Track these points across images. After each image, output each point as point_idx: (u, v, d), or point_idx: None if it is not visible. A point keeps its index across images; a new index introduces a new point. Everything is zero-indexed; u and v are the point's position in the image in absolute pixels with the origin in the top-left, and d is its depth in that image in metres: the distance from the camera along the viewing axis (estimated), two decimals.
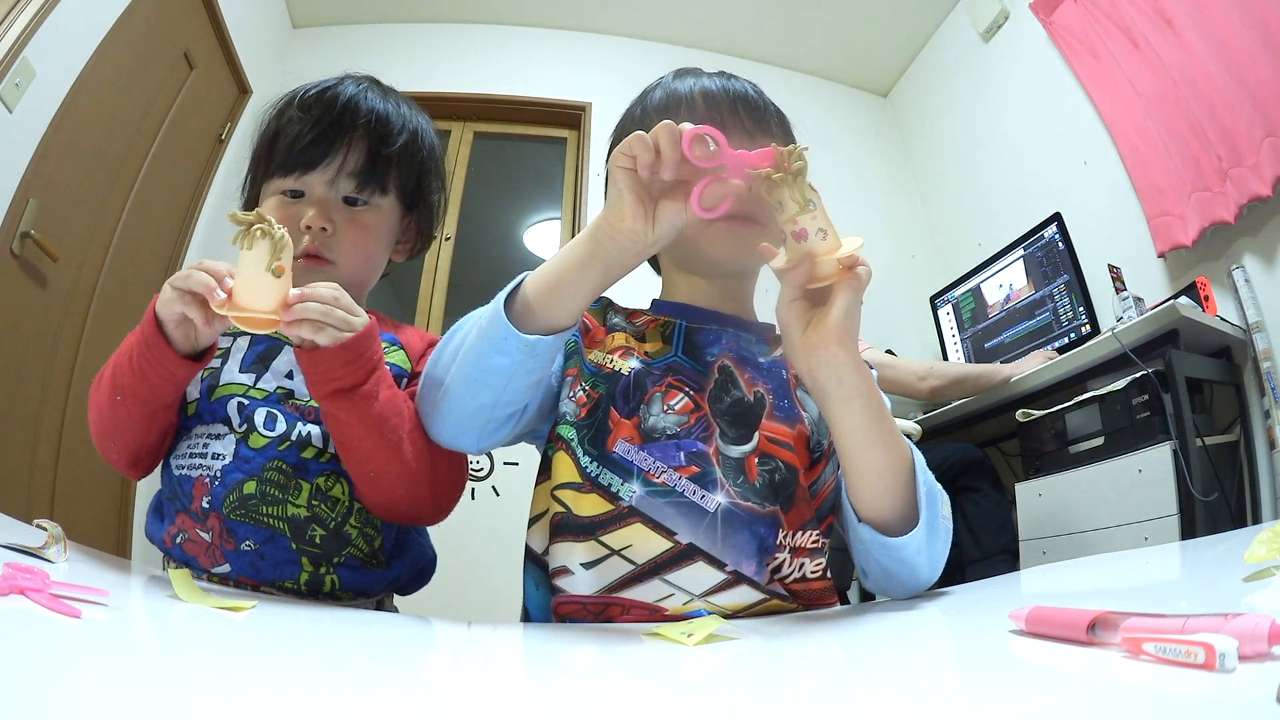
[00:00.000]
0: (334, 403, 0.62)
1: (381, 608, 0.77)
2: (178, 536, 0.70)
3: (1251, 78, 1.69)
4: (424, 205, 0.86)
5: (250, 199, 0.83)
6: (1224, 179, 1.75)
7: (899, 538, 0.59)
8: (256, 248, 0.56)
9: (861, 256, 0.57)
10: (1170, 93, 1.90)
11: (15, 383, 1.65)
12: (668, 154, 0.54)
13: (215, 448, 0.70)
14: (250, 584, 0.68)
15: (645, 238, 0.57)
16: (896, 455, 0.60)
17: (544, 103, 2.93)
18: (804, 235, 0.56)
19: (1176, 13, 1.88)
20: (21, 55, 1.55)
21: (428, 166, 0.84)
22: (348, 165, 0.77)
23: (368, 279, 0.83)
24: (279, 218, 0.75)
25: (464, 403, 0.62)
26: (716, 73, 0.76)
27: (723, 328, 0.73)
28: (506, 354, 0.58)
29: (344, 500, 0.72)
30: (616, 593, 0.61)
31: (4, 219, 1.56)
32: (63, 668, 0.29)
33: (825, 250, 0.56)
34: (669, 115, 0.71)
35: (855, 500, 0.61)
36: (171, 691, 0.28)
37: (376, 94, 0.81)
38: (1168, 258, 1.96)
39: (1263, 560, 0.44)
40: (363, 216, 0.79)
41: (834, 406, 0.59)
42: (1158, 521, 1.42)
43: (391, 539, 0.76)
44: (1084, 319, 2.00)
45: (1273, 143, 1.64)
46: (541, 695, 0.37)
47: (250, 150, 0.84)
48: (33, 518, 0.58)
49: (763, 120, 0.73)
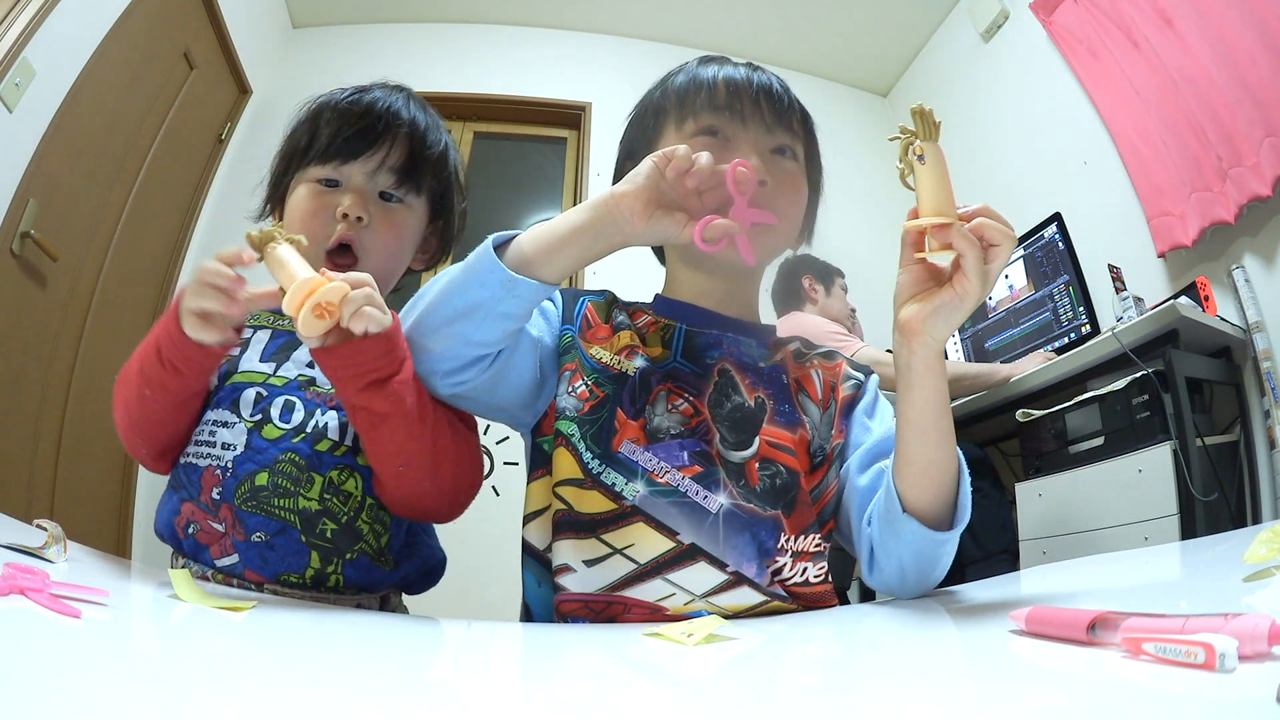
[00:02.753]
0: (370, 395, 0.61)
1: (388, 605, 0.76)
2: (189, 526, 0.69)
3: (1251, 78, 1.69)
4: (448, 216, 0.87)
5: (274, 198, 0.84)
6: (1224, 179, 1.75)
7: (943, 532, 0.60)
8: (280, 246, 0.58)
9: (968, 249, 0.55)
10: (1170, 93, 1.90)
11: (15, 383, 1.65)
12: (703, 172, 0.57)
13: (224, 436, 0.70)
14: (255, 580, 0.68)
15: (635, 225, 0.59)
16: (946, 455, 0.61)
17: (544, 103, 2.93)
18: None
19: (1176, 13, 1.88)
20: (21, 55, 1.56)
21: (454, 180, 0.86)
22: (390, 160, 0.78)
23: (390, 280, 0.83)
24: (311, 206, 0.77)
25: (434, 326, 0.61)
26: (744, 63, 0.74)
27: (723, 331, 0.73)
28: (487, 286, 0.58)
29: (356, 495, 0.71)
30: (618, 591, 0.61)
31: (4, 219, 1.56)
32: (63, 668, 0.29)
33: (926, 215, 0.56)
34: (690, 99, 0.71)
35: (902, 489, 0.61)
36: (171, 691, 0.28)
37: (415, 104, 0.83)
38: (1168, 258, 1.96)
39: (1263, 560, 0.44)
40: (396, 214, 0.79)
41: (900, 388, 0.61)
42: (1158, 521, 1.42)
43: (400, 539, 0.75)
44: (1084, 319, 2.00)
45: (1273, 143, 1.64)
46: (541, 695, 0.37)
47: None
48: (33, 518, 0.58)
49: (784, 115, 0.72)
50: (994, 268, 0.55)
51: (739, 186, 0.59)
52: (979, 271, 0.55)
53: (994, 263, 0.55)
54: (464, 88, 2.86)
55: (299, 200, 0.78)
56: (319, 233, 0.76)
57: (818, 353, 0.77)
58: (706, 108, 0.70)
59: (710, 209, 0.60)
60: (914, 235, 0.58)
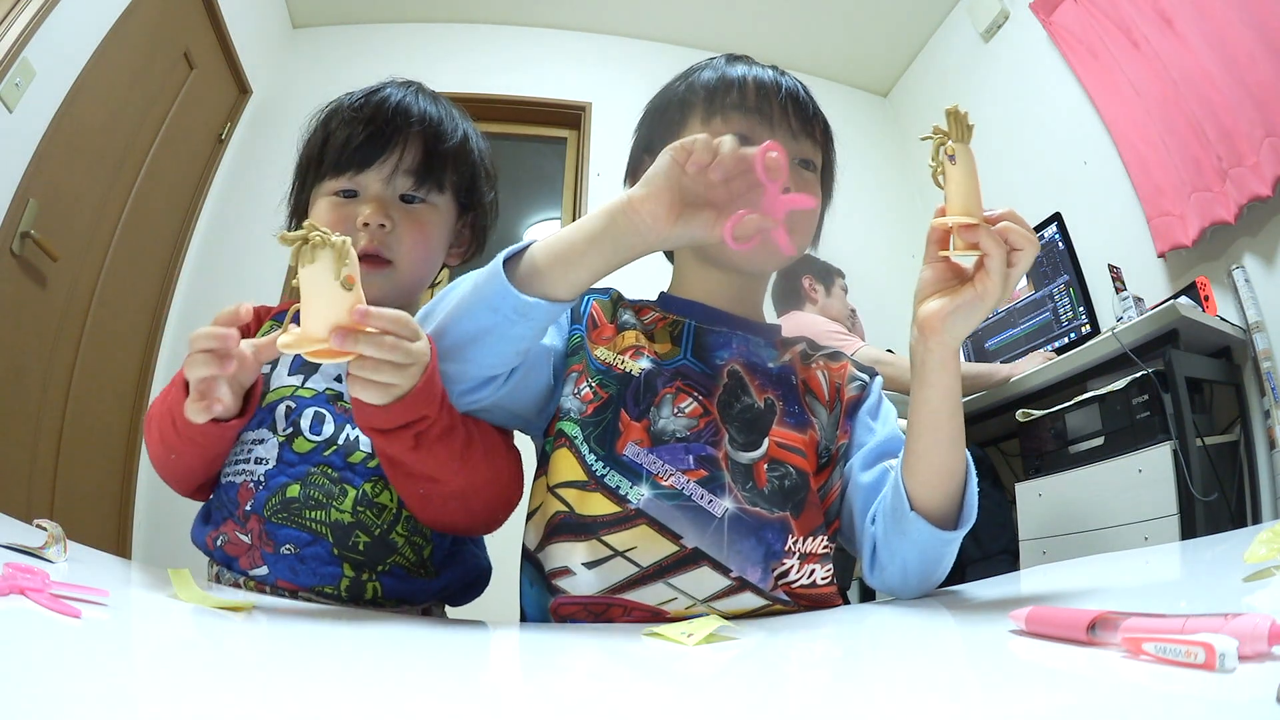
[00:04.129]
0: (387, 440, 0.58)
1: (428, 616, 0.75)
2: (219, 539, 0.70)
3: (1251, 78, 1.69)
4: (479, 207, 0.84)
5: (297, 211, 0.82)
6: (1224, 179, 1.75)
7: (950, 531, 0.60)
8: (319, 260, 0.49)
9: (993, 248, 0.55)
10: (1170, 93, 1.90)
11: (15, 383, 1.65)
12: (726, 161, 0.53)
13: (259, 452, 0.70)
14: (289, 588, 0.67)
15: (660, 231, 0.56)
16: (956, 455, 0.61)
17: (544, 103, 2.92)
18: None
19: (1176, 13, 1.88)
20: (21, 55, 1.55)
21: (480, 168, 0.83)
22: (404, 163, 0.76)
23: (425, 280, 0.81)
24: (332, 220, 0.74)
25: (445, 350, 0.58)
26: (770, 65, 0.73)
27: (732, 330, 0.72)
28: (498, 311, 0.56)
29: (391, 507, 0.70)
30: (618, 594, 0.61)
31: (4, 219, 1.56)
32: (63, 668, 0.29)
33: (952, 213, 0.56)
34: (718, 97, 0.70)
35: (911, 487, 0.61)
36: (171, 691, 0.28)
37: (426, 98, 0.80)
38: (1168, 258, 1.95)
39: (1263, 560, 0.44)
40: (421, 214, 0.77)
41: (914, 384, 0.61)
42: (1158, 521, 1.42)
43: (444, 549, 0.74)
44: (1084, 319, 2.00)
45: (1273, 143, 1.64)
46: (541, 695, 0.37)
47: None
48: (33, 518, 0.58)
49: (808, 124, 0.71)
50: (1016, 271, 0.56)
51: (770, 174, 0.54)
52: (1002, 272, 0.55)
53: (1016, 266, 0.55)
54: (464, 88, 2.85)
55: (320, 213, 0.76)
56: None
57: (823, 353, 0.77)
58: (736, 108, 0.69)
59: (738, 198, 0.56)
60: (939, 233, 0.58)
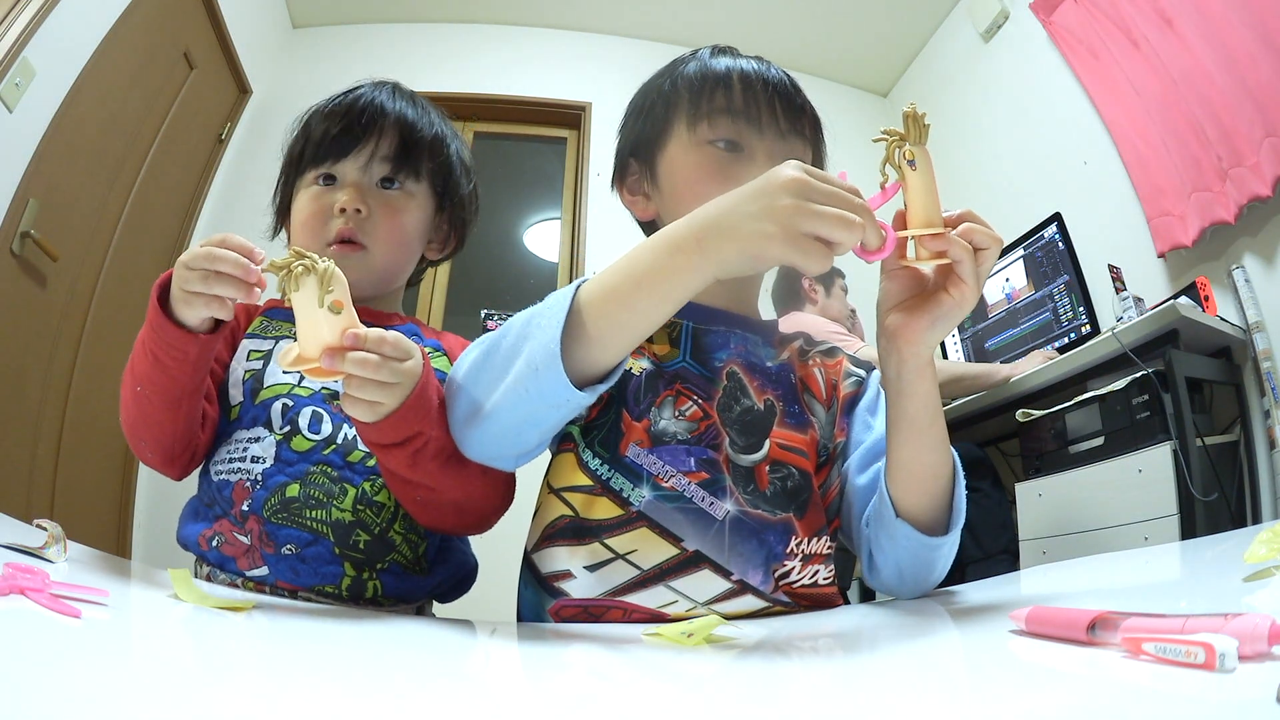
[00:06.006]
0: (385, 453, 0.59)
1: (421, 614, 0.76)
2: (214, 539, 0.69)
3: (1251, 78, 1.69)
4: (456, 201, 0.86)
5: (282, 210, 0.84)
6: (1224, 179, 1.75)
7: (936, 537, 0.60)
8: (304, 286, 0.49)
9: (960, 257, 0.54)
10: (1170, 93, 1.90)
11: (15, 383, 1.65)
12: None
13: (255, 450, 0.69)
14: (289, 589, 0.67)
15: (769, 258, 0.50)
16: (940, 459, 0.60)
17: (544, 102, 2.93)
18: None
19: (1176, 13, 1.88)
20: (21, 55, 1.56)
21: (456, 164, 0.85)
22: (380, 150, 0.78)
23: (402, 267, 0.82)
24: (312, 207, 0.77)
25: (507, 437, 0.58)
26: (754, 56, 0.72)
27: (730, 329, 0.72)
28: (560, 409, 0.54)
29: (389, 505, 0.70)
30: (619, 597, 0.61)
31: (4, 219, 1.56)
32: (63, 668, 0.29)
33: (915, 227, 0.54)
34: (703, 93, 0.69)
35: (895, 494, 0.61)
36: (171, 691, 0.28)
37: (402, 95, 0.82)
38: (1168, 258, 1.95)
39: (1263, 560, 0.44)
40: (397, 200, 0.79)
41: (890, 395, 0.60)
42: (1158, 521, 1.42)
43: (435, 546, 0.75)
44: (1084, 319, 2.00)
45: (1273, 143, 1.64)
46: (541, 695, 0.37)
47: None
48: (33, 518, 0.58)
49: (797, 121, 0.69)
50: (984, 269, 0.55)
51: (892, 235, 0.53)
52: (974, 276, 0.55)
53: (983, 265, 0.55)
54: (464, 88, 2.86)
55: (301, 205, 0.78)
56: (322, 233, 0.76)
57: (819, 350, 0.77)
58: (723, 113, 0.68)
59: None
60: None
